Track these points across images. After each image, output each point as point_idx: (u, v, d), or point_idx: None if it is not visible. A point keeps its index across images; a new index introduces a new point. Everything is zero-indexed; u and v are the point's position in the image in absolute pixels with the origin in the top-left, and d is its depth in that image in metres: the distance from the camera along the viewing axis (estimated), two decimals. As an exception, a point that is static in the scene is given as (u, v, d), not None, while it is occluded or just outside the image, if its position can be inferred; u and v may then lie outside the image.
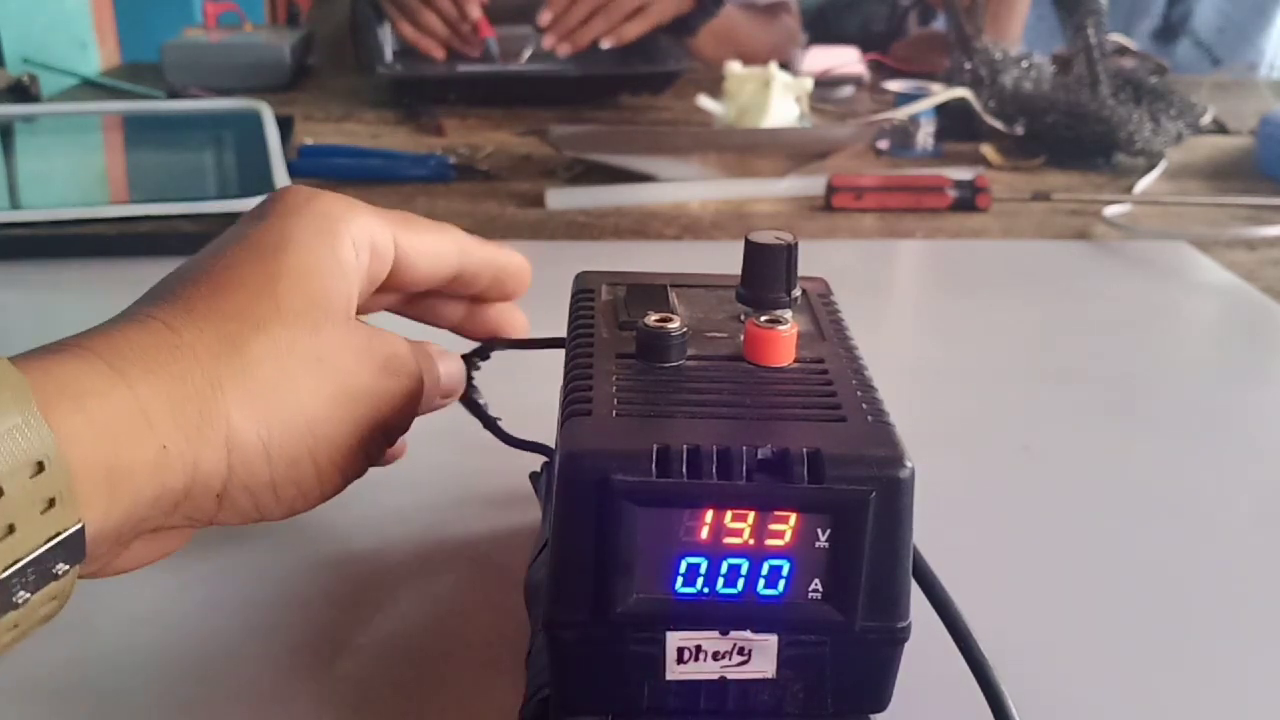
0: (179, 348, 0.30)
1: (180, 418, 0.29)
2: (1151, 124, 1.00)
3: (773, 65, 1.01)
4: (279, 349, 0.31)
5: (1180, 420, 0.55)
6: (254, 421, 0.30)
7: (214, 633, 0.38)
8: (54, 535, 0.26)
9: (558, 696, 0.29)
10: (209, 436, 0.29)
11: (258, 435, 0.30)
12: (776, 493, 0.25)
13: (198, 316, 0.31)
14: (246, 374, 0.31)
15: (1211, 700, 0.36)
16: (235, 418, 0.30)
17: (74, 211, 0.78)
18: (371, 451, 0.35)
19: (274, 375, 0.31)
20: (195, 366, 0.30)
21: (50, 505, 0.26)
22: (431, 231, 0.38)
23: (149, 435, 0.28)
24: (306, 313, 0.32)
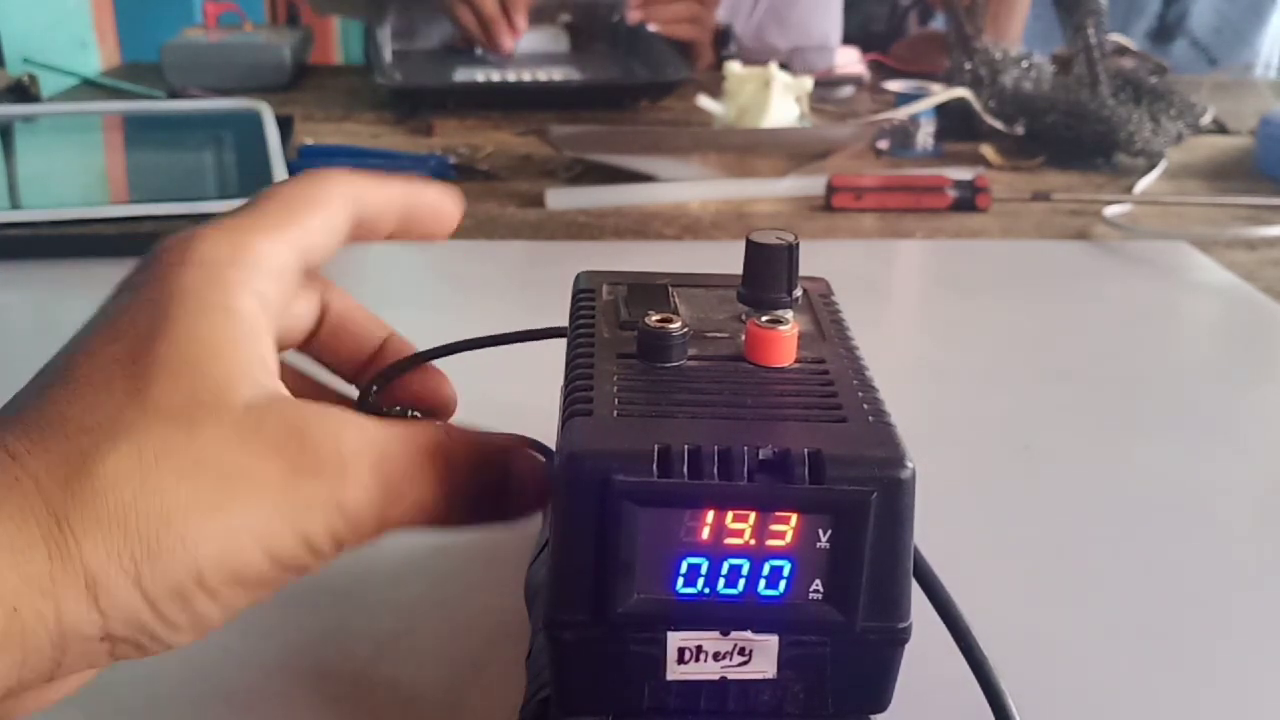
0: (19, 479, 0.25)
1: (27, 570, 0.24)
2: (1151, 124, 1.00)
3: (773, 65, 1.01)
4: (142, 462, 0.25)
5: (1180, 420, 0.55)
6: (114, 557, 0.25)
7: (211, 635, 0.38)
8: None
9: (558, 696, 0.29)
10: (65, 584, 0.24)
11: (123, 572, 0.25)
12: (777, 493, 0.25)
13: (45, 431, 0.26)
14: (98, 501, 0.25)
15: (1212, 699, 0.36)
16: (90, 557, 0.25)
17: (74, 211, 0.78)
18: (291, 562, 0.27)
19: (134, 496, 0.25)
20: (38, 501, 0.25)
21: None
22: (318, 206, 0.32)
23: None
24: (182, 412, 0.26)
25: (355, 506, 0.27)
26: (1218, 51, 1.67)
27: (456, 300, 0.69)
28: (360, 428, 0.28)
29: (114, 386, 0.26)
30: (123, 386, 0.26)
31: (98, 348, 0.27)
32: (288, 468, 0.27)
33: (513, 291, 0.72)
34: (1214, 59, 1.66)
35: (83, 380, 0.27)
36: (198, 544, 0.26)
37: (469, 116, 1.16)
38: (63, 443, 0.25)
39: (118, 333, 0.28)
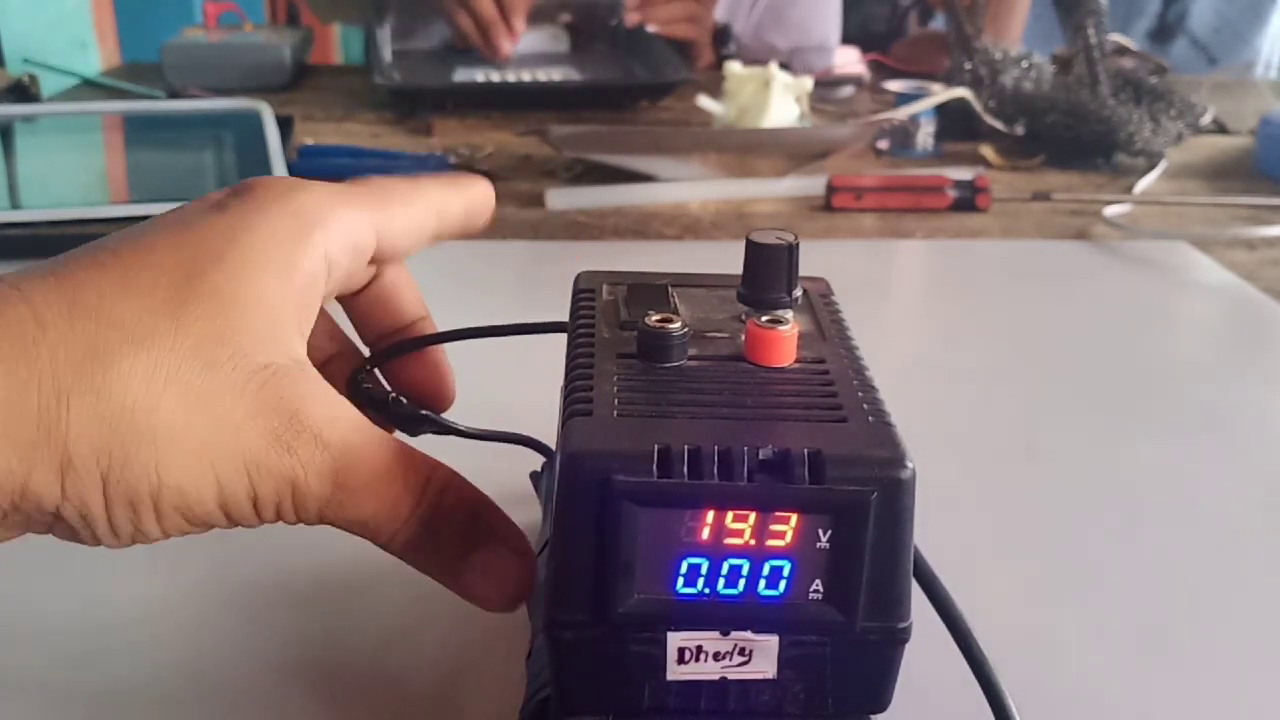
0: (36, 343, 0.26)
1: (14, 430, 0.25)
2: (1151, 124, 1.00)
3: (773, 65, 1.01)
4: (155, 374, 0.26)
5: (1180, 420, 0.55)
6: (94, 450, 0.26)
7: (212, 633, 0.38)
8: None
9: (558, 696, 0.29)
10: (43, 455, 0.26)
11: (96, 465, 0.26)
12: (777, 493, 0.25)
13: (77, 313, 0.26)
14: (102, 394, 0.26)
15: (1212, 699, 0.36)
16: (75, 441, 0.26)
17: (74, 211, 0.78)
18: (235, 512, 0.28)
19: (135, 408, 0.26)
20: (47, 374, 0.25)
21: None
22: (409, 204, 0.34)
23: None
24: (206, 345, 0.27)
25: (305, 494, 0.28)
26: (1218, 51, 1.67)
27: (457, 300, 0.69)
28: (351, 429, 0.29)
29: (159, 290, 0.27)
30: (167, 294, 0.27)
31: (163, 245, 0.28)
32: (270, 435, 0.28)
33: (513, 291, 0.72)
34: (1214, 58, 1.67)
35: (136, 268, 0.27)
36: (168, 470, 0.27)
37: (469, 116, 1.16)
38: (91, 328, 0.26)
39: (186, 241, 0.28)
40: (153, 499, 0.27)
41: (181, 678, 0.36)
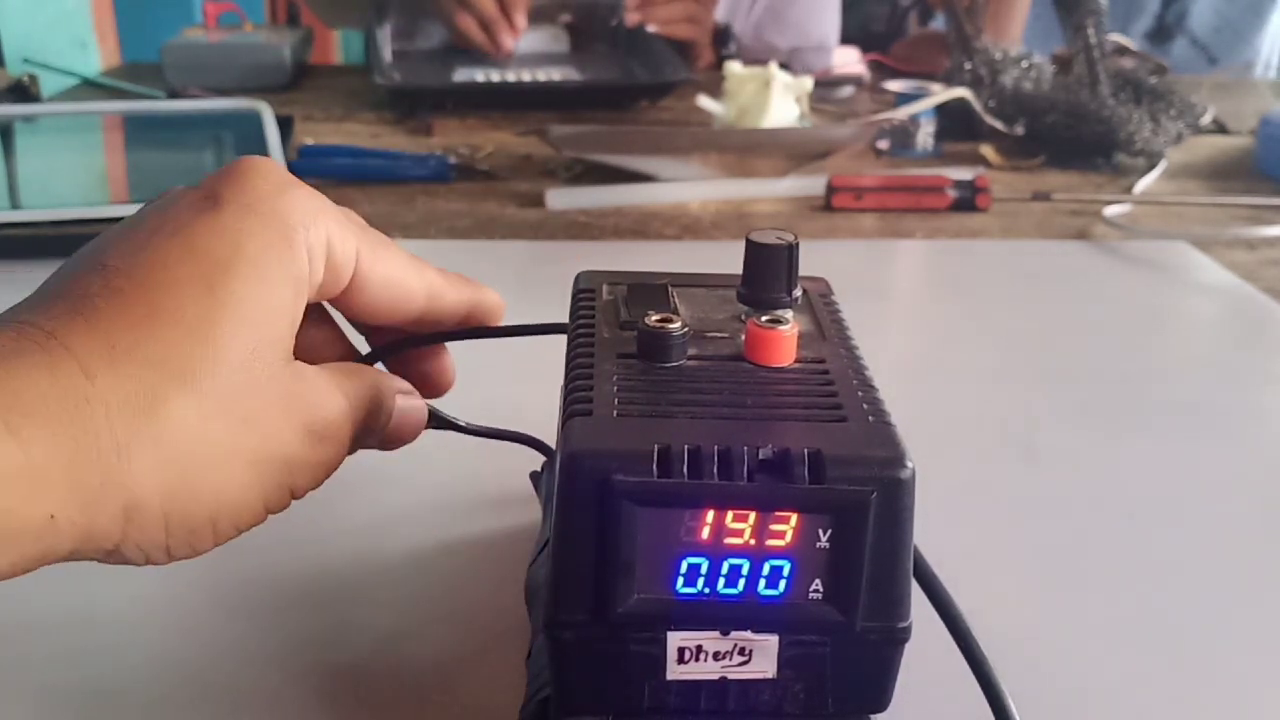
0: (89, 400, 0.26)
1: (77, 485, 0.26)
2: (1151, 124, 1.00)
3: (773, 65, 1.01)
4: (203, 408, 0.27)
5: (1180, 420, 0.55)
6: (158, 495, 0.27)
7: (211, 633, 0.38)
8: None
9: (558, 696, 0.29)
10: (105, 505, 0.26)
11: (160, 507, 0.27)
12: (777, 493, 0.25)
13: (119, 357, 0.27)
14: (161, 442, 0.27)
15: (1212, 699, 0.36)
16: (138, 488, 0.27)
17: (74, 211, 0.78)
18: (274, 510, 0.31)
19: (191, 443, 0.27)
20: (104, 425, 0.26)
21: None
22: (401, 261, 0.34)
23: (39, 501, 0.25)
24: (246, 366, 0.28)
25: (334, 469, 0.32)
26: (1217, 51, 1.67)
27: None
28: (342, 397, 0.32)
29: (186, 313, 0.28)
30: (194, 315, 0.28)
31: (172, 259, 0.28)
32: (304, 432, 0.30)
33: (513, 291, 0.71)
34: (1214, 58, 1.66)
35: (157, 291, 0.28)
36: (227, 492, 0.28)
37: (469, 116, 1.16)
38: (135, 372, 0.27)
39: (192, 249, 0.29)
40: (212, 523, 0.29)
41: (179, 677, 0.36)
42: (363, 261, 0.32)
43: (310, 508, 0.45)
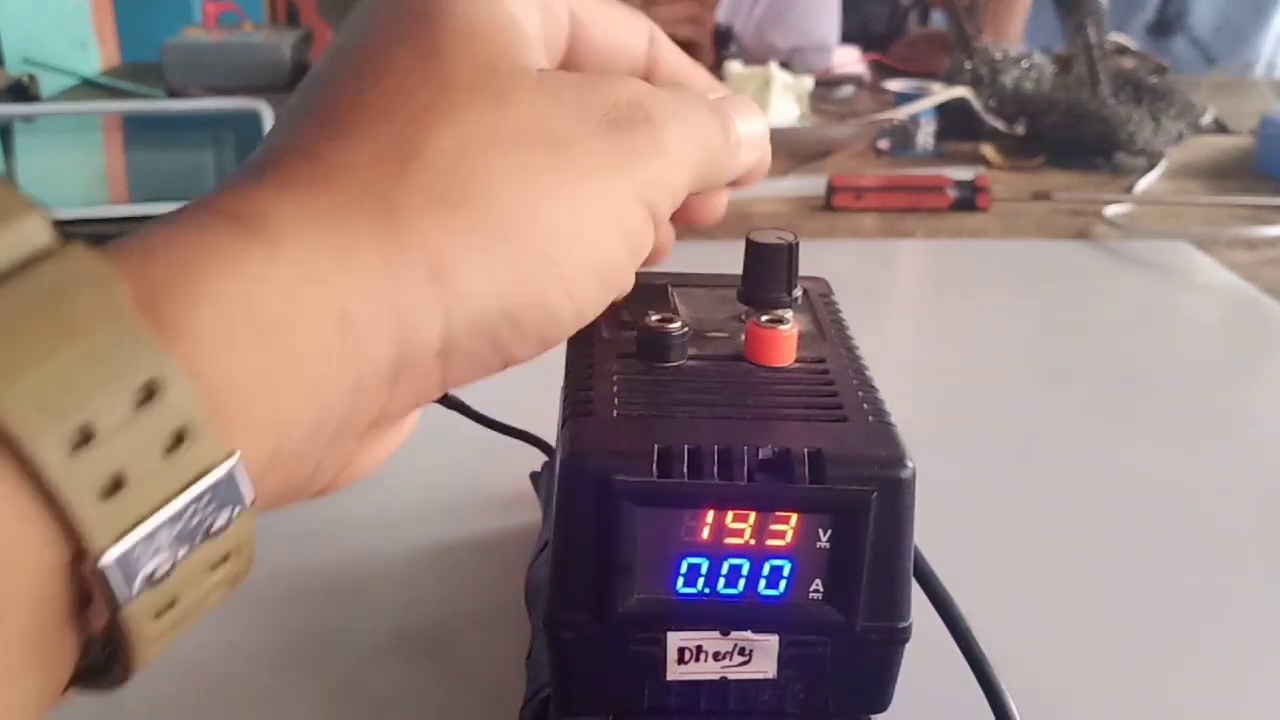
0: (329, 174, 0.22)
1: (355, 265, 0.21)
2: (1152, 124, 1.00)
3: (773, 65, 1.01)
4: (464, 135, 0.23)
5: (1180, 420, 0.55)
6: (460, 236, 0.22)
7: (211, 632, 0.38)
8: (192, 480, 0.18)
9: (558, 696, 0.29)
10: (404, 277, 0.21)
11: (470, 253, 0.22)
12: (778, 493, 0.25)
13: (344, 128, 0.23)
14: (429, 180, 0.22)
15: (1211, 699, 0.36)
16: (433, 238, 0.22)
17: (74, 211, 0.78)
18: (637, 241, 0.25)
19: (467, 172, 0.23)
20: (358, 191, 0.22)
21: (177, 441, 0.18)
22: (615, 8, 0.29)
23: (317, 305, 0.20)
24: (482, 83, 0.24)
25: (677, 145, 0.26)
26: (1217, 50, 1.67)
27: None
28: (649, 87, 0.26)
29: (400, 66, 0.24)
30: (413, 60, 0.24)
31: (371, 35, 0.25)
32: (603, 123, 0.25)
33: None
34: (1213, 58, 1.66)
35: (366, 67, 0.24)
36: (549, 218, 0.23)
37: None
38: (370, 133, 0.23)
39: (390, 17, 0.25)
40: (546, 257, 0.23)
41: (178, 676, 0.36)
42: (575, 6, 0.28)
43: (310, 506, 0.45)
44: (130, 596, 0.18)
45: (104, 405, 0.17)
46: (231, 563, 0.20)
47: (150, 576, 0.18)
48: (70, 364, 0.17)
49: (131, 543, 0.18)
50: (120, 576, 0.17)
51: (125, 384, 0.17)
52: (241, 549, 0.20)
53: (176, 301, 0.19)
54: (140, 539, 0.18)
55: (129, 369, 0.18)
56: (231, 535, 0.19)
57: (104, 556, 0.17)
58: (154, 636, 0.19)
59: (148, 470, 0.18)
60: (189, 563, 0.19)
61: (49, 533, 0.17)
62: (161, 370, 0.18)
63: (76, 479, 0.17)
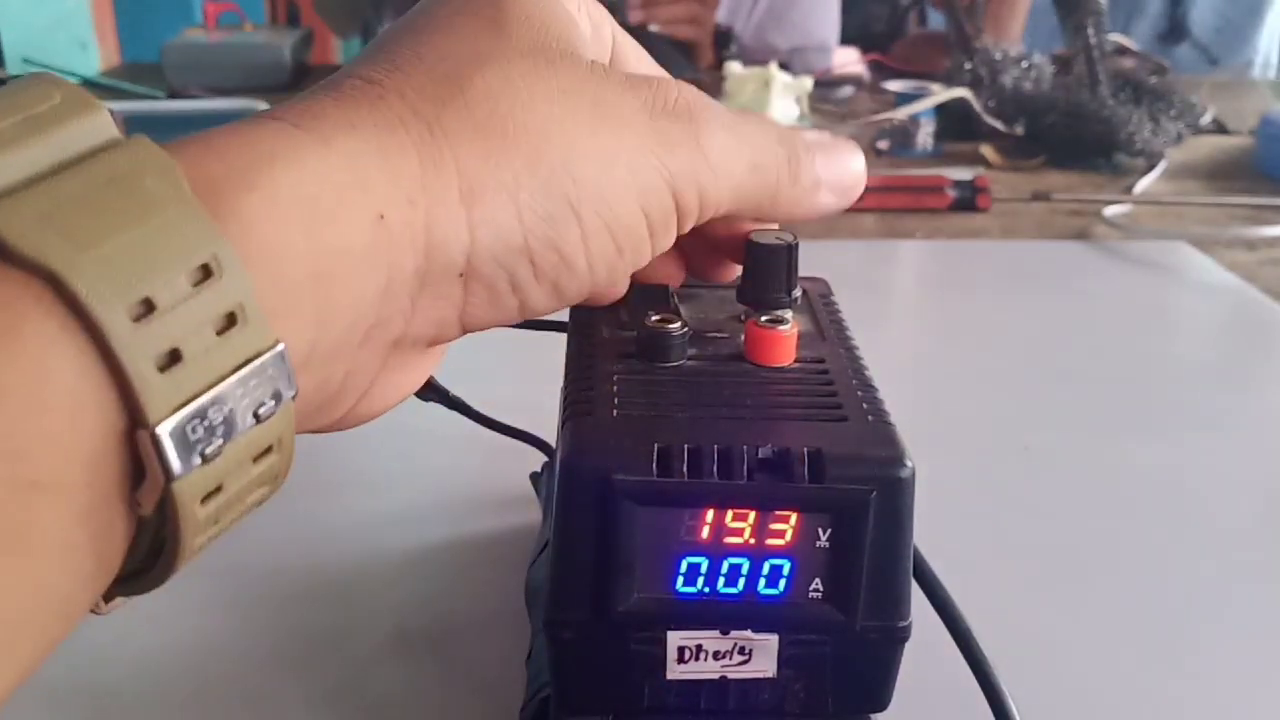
0: (383, 96, 0.23)
1: (396, 172, 0.22)
2: (1151, 124, 1.00)
3: (773, 65, 1.01)
4: (511, 83, 0.24)
5: (1180, 420, 0.55)
6: (491, 163, 0.23)
7: (211, 632, 0.38)
8: (242, 363, 0.19)
9: (558, 696, 0.29)
10: (437, 191, 0.23)
11: (498, 180, 0.23)
12: (777, 492, 0.25)
13: (400, 63, 0.24)
14: (472, 109, 0.24)
15: (1211, 699, 0.36)
16: (467, 161, 0.23)
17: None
18: (656, 220, 0.26)
19: (510, 108, 0.24)
20: (405, 111, 0.23)
21: (229, 323, 0.19)
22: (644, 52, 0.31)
23: (359, 203, 0.22)
24: (541, 48, 0.25)
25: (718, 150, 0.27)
26: (1218, 51, 1.67)
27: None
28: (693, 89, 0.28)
29: (466, 28, 0.25)
30: (475, 26, 0.25)
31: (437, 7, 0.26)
32: (646, 106, 0.26)
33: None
34: (1214, 59, 1.66)
35: (431, 24, 0.26)
36: (577, 164, 0.24)
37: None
38: (425, 70, 0.24)
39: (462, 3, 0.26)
40: (573, 208, 0.24)
41: (178, 676, 0.36)
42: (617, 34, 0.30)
43: (311, 506, 0.45)
44: (182, 471, 0.18)
45: (166, 280, 0.18)
46: (274, 456, 0.21)
47: (202, 453, 0.19)
48: (136, 240, 0.18)
49: (186, 415, 0.18)
50: (173, 449, 0.18)
51: (186, 262, 0.18)
52: (283, 442, 0.21)
53: (231, 189, 0.20)
54: (193, 412, 0.18)
55: (190, 249, 0.18)
56: (274, 426, 0.20)
57: (160, 427, 0.18)
58: (201, 523, 0.19)
59: (203, 347, 0.19)
60: (236, 446, 0.19)
61: (110, 399, 0.17)
62: (219, 252, 0.19)
63: (138, 348, 0.18)
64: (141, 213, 0.18)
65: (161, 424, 0.18)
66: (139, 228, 0.18)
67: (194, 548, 0.19)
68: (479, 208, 0.23)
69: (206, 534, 0.20)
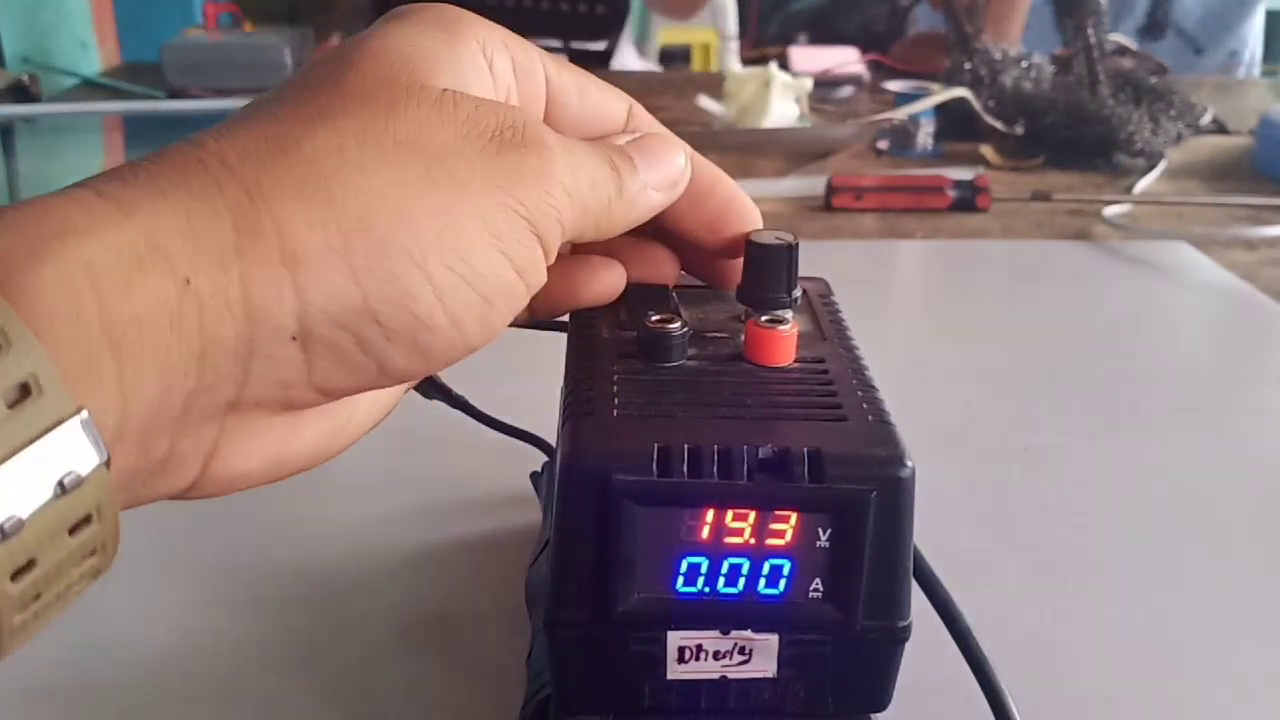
0: (201, 160, 0.22)
1: (205, 238, 0.21)
2: (1151, 124, 1.00)
3: (773, 65, 1.01)
4: (342, 140, 0.23)
5: (1180, 420, 0.55)
6: (317, 227, 0.22)
7: (211, 632, 0.38)
8: (39, 434, 0.19)
9: (558, 696, 0.29)
10: (255, 255, 0.22)
11: (326, 243, 0.22)
12: (777, 492, 0.25)
13: (232, 128, 0.23)
14: (297, 171, 0.23)
15: (1211, 698, 0.36)
16: (288, 224, 0.22)
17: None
18: (518, 257, 0.25)
19: (335, 169, 0.23)
20: (224, 175, 0.22)
21: (23, 395, 0.18)
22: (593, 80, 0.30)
23: (161, 269, 0.21)
24: (379, 92, 0.24)
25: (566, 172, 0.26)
26: (1204, 41, 1.67)
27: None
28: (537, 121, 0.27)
29: (309, 83, 0.25)
30: (319, 78, 0.25)
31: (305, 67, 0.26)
32: (493, 144, 0.25)
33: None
34: (1200, 48, 1.66)
35: (286, 86, 0.25)
36: (416, 221, 0.23)
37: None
38: (255, 132, 0.23)
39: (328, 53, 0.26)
40: (419, 265, 0.23)
41: (178, 676, 0.36)
42: (550, 71, 0.29)
43: (311, 506, 0.45)
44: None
45: None
46: (94, 526, 0.20)
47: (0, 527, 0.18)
48: None
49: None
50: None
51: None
52: (103, 512, 0.20)
53: (20, 264, 0.19)
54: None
55: None
56: (88, 495, 0.20)
57: None
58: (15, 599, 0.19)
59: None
60: (44, 517, 0.19)
61: None
62: (4, 324, 0.18)
63: None
64: None
65: None
66: None
67: (15, 625, 0.19)
68: (304, 270, 0.22)
69: (28, 610, 0.19)
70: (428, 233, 0.23)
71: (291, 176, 0.23)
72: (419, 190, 0.23)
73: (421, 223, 0.23)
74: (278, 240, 0.22)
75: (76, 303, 0.20)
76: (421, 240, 0.23)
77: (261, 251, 0.22)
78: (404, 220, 0.23)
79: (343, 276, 0.23)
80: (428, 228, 0.23)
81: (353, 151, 0.23)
